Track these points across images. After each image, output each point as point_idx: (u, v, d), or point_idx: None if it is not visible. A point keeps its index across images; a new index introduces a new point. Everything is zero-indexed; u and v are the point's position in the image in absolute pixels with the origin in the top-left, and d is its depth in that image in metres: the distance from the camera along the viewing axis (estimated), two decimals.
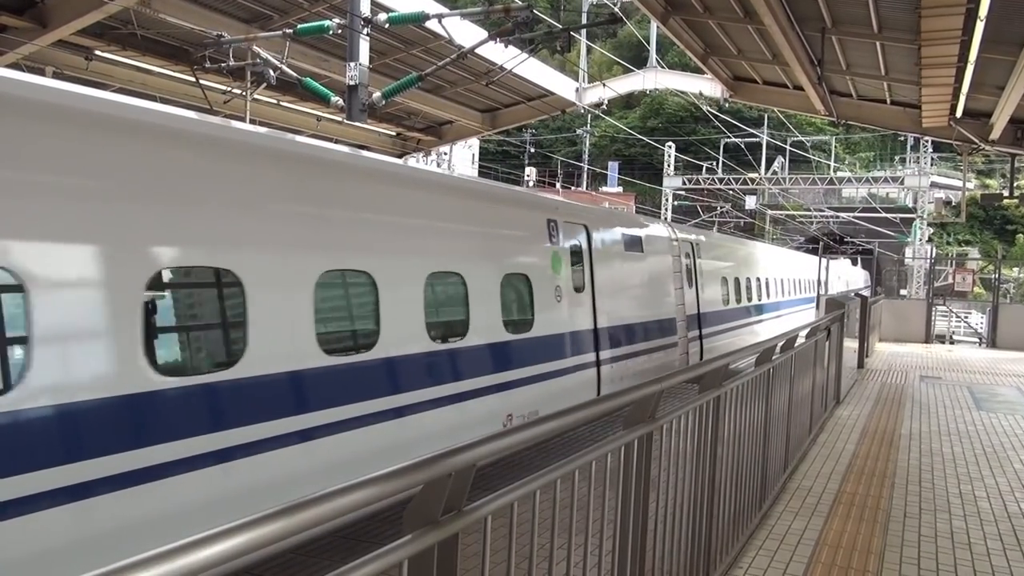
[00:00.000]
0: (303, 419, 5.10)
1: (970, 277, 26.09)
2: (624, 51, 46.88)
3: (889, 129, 19.97)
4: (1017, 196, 19.00)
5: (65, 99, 4.24)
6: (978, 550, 5.41)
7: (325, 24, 11.48)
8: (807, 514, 5.99)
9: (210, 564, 1.35)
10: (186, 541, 1.33)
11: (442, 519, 2.08)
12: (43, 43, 12.28)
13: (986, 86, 12.46)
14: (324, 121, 18.61)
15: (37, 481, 3.67)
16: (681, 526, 3.90)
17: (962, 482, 7.12)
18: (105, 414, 4.00)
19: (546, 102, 20.70)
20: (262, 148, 5.39)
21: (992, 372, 15.54)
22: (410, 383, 6.16)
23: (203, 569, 1.34)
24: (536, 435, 2.51)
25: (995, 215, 58.37)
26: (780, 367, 5.92)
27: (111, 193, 4.19)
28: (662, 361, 11.22)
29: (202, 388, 4.48)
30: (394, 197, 6.52)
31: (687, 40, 15.03)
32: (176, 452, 4.27)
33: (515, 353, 7.61)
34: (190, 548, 1.33)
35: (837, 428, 9.22)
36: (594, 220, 9.90)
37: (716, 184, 40.89)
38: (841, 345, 10.22)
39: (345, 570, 1.71)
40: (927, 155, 40.74)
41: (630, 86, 22.73)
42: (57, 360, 3.84)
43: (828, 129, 53.02)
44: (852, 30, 12.07)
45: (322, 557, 5.02)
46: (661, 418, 3.48)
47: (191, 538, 1.35)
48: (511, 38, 11.47)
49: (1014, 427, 9.78)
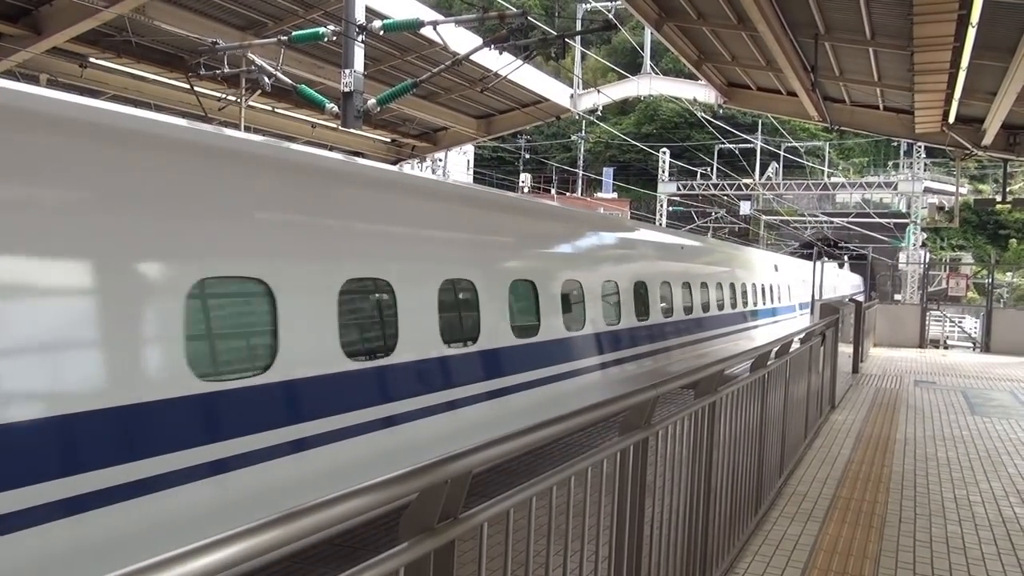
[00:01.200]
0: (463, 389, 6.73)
1: (964, 282, 26.18)
2: (618, 57, 47.11)
3: (882, 135, 20.07)
4: (1010, 201, 19.12)
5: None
6: (973, 555, 5.42)
7: (320, 31, 11.49)
8: (803, 519, 5.99)
9: (207, 573, 1.35)
10: (183, 550, 1.33)
11: (438, 526, 2.08)
12: (37, 50, 12.27)
13: (978, 92, 12.53)
14: (319, 128, 18.62)
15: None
16: (677, 531, 3.90)
17: (957, 487, 7.14)
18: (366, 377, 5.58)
19: (541, 108, 20.75)
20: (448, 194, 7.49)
21: (986, 376, 15.58)
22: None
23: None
24: (532, 441, 2.51)
25: (988, 220, 58.56)
26: (775, 372, 5.93)
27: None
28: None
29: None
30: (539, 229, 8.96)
31: (681, 46, 15.09)
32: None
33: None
34: (186, 557, 1.33)
35: (832, 433, 9.23)
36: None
37: (711, 190, 40.98)
38: (836, 350, 10.25)
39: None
40: (920, 160, 40.91)
41: (624, 92, 22.78)
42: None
43: (822, 135, 53.24)
44: (845, 36, 12.14)
45: (318, 565, 5.00)
46: (656, 423, 3.48)
47: (187, 547, 1.34)
48: (506, 45, 11.49)
49: (1008, 432, 9.80)
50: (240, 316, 5.06)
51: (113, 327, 4.06)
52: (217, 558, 1.38)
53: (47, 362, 3.81)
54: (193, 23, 12.92)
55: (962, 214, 25.91)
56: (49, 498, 3.68)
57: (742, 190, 41.04)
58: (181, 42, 13.46)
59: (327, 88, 14.68)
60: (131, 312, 4.14)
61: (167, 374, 4.24)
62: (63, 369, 3.85)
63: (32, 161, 3.93)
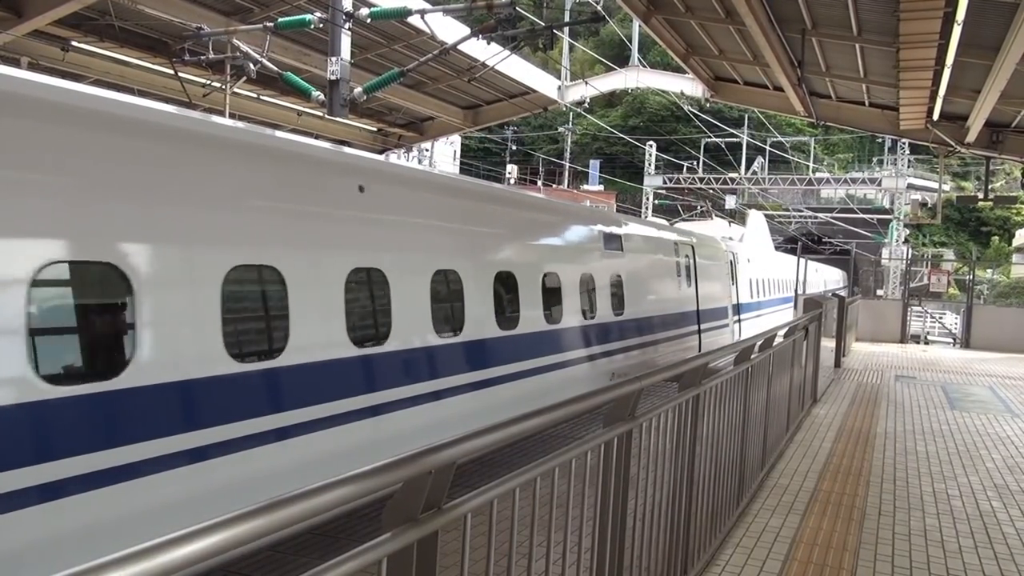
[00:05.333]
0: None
1: (945, 278, 26.49)
2: (606, 49, 47.02)
3: (867, 130, 20.18)
4: (991, 198, 19.29)
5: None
6: (950, 547, 5.49)
7: (306, 18, 11.39)
8: (784, 512, 6.04)
9: (187, 563, 1.34)
10: (162, 539, 1.32)
11: (421, 517, 2.07)
12: (18, 33, 12.07)
13: (962, 89, 12.62)
14: (305, 116, 18.48)
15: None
16: (660, 523, 3.92)
17: (935, 480, 7.22)
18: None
19: (528, 99, 20.70)
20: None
21: (966, 372, 15.76)
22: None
23: (180, 568, 1.32)
24: (516, 433, 2.51)
25: (970, 217, 59.21)
26: (759, 366, 5.97)
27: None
28: None
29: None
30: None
31: (669, 39, 15.09)
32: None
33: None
34: (166, 547, 1.31)
35: (814, 427, 9.31)
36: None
37: (697, 183, 41.11)
38: (819, 344, 10.32)
39: (324, 568, 1.71)
40: (904, 157, 41.22)
41: (612, 85, 22.78)
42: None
43: (807, 130, 53.59)
44: (832, 32, 12.18)
45: (300, 555, 4.99)
46: (640, 416, 3.49)
47: (167, 536, 1.33)
48: (494, 35, 11.44)
49: (987, 426, 9.92)
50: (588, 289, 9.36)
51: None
52: (200, 546, 1.37)
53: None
54: (177, 8, 12.76)
55: (944, 211, 26.19)
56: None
57: (728, 184, 41.22)
58: (165, 27, 13.29)
59: (313, 76, 14.57)
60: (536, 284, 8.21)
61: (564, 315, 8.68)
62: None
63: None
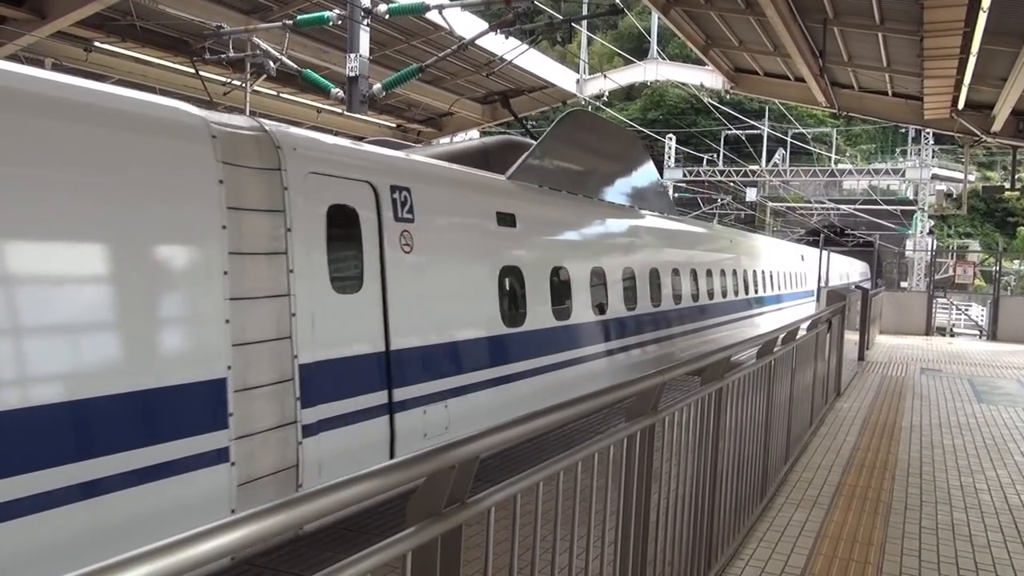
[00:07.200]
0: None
1: (971, 269, 26.08)
2: (625, 42, 46.75)
3: (891, 121, 19.90)
4: (1018, 188, 18.96)
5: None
6: (979, 542, 5.42)
7: (325, 15, 11.44)
8: (808, 506, 6.00)
9: (214, 557, 1.35)
10: (185, 535, 1.32)
11: (445, 511, 2.07)
12: (42, 34, 12.23)
13: (988, 78, 12.42)
14: (324, 113, 18.57)
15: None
16: (683, 517, 3.90)
17: (963, 474, 7.13)
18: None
19: (547, 93, 20.65)
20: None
21: (992, 365, 15.54)
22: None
23: (204, 563, 1.33)
24: (539, 427, 2.51)
25: (996, 207, 58.28)
26: (781, 359, 5.92)
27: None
28: None
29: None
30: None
31: (688, 31, 14.99)
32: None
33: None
34: (189, 542, 1.32)
35: (838, 420, 9.22)
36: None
37: (717, 176, 40.85)
38: (842, 337, 10.22)
39: (349, 561, 1.71)
40: (928, 147, 40.66)
41: (631, 78, 22.65)
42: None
43: (829, 121, 52.92)
44: (854, 21, 12.03)
45: (325, 548, 5.02)
46: (663, 410, 3.48)
47: (190, 532, 1.34)
48: (512, 29, 11.43)
49: (1015, 419, 9.78)
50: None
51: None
52: (224, 541, 1.38)
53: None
54: (198, 7, 12.87)
55: (970, 201, 25.84)
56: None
57: (748, 176, 40.90)
58: (186, 26, 13.41)
59: (332, 73, 14.62)
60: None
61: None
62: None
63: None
